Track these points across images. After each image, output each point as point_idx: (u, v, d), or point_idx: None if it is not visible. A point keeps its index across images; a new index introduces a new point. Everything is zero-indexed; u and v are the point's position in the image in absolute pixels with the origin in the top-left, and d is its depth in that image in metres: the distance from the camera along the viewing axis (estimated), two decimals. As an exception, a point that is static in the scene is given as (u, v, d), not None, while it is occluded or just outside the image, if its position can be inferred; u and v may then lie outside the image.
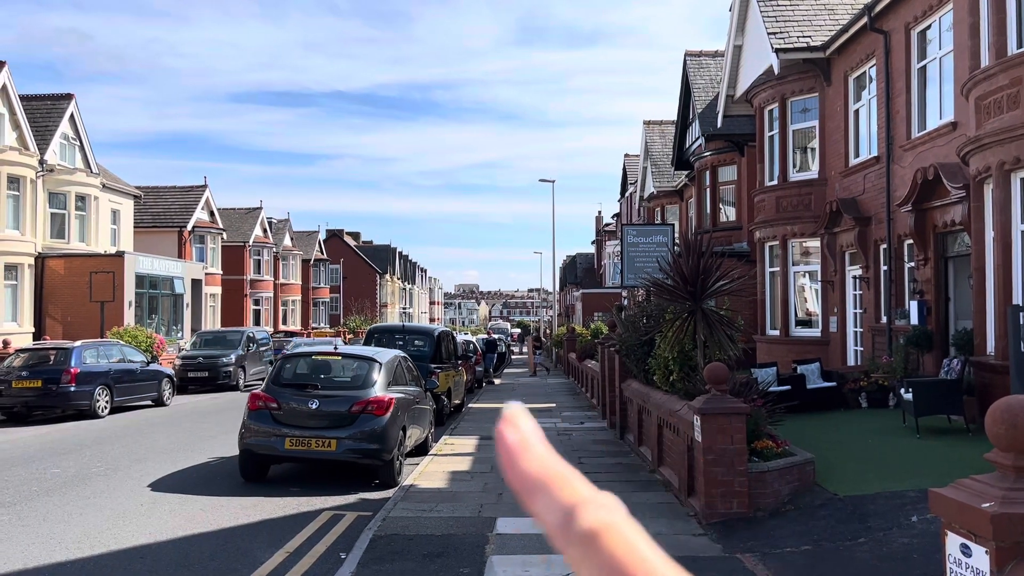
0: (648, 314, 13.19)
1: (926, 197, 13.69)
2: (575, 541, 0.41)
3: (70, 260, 29.57)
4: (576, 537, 0.41)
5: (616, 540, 0.40)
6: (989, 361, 11.46)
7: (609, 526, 0.41)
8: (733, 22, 21.30)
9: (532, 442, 0.44)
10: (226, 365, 25.83)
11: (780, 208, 19.57)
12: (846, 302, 17.89)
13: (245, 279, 48.27)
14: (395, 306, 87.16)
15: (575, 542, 0.41)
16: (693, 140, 27.15)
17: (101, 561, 7.38)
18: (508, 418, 0.45)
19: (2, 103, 27.75)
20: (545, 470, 0.43)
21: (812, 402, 14.38)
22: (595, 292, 50.83)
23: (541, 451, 0.44)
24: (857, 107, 17.43)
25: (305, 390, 10.85)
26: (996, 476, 3.45)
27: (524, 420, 0.45)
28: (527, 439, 0.44)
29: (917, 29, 14.84)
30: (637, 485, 10.53)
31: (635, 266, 21.45)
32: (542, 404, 22.01)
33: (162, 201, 41.45)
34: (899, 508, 7.56)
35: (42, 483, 10.68)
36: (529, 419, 0.46)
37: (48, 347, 19.44)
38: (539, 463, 0.43)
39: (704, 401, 8.44)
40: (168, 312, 34.11)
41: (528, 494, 0.43)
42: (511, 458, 0.44)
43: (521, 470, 0.43)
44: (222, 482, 10.83)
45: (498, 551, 7.39)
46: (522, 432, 0.45)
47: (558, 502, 0.42)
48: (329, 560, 7.40)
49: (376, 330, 20.33)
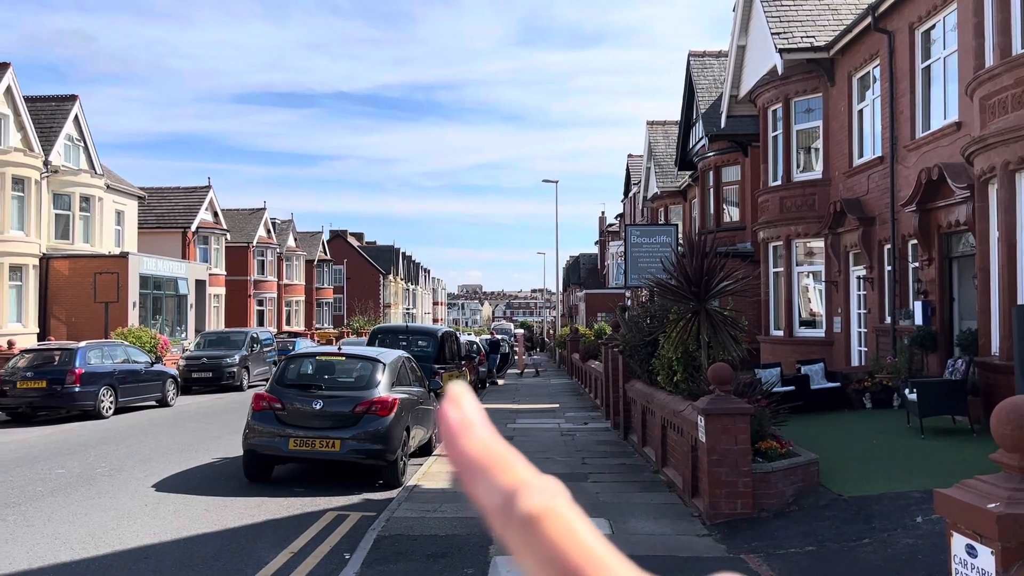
0: (652, 314, 13.18)
1: (930, 197, 13.67)
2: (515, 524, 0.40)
3: (74, 261, 29.63)
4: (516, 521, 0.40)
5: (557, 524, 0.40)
6: (994, 361, 11.44)
7: (550, 510, 0.40)
8: (737, 22, 21.28)
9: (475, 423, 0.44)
10: (230, 366, 25.86)
11: (784, 208, 19.55)
12: (850, 302, 17.86)
13: (249, 280, 48.32)
14: (398, 307, 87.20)
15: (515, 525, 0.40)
16: (697, 140, 27.13)
17: (106, 561, 7.40)
18: (451, 398, 0.45)
19: (7, 104, 27.82)
20: (487, 452, 0.42)
21: (816, 402, 14.35)
22: (598, 292, 50.83)
23: (484, 433, 0.43)
24: (861, 107, 17.40)
25: (309, 390, 10.86)
26: (1002, 476, 3.44)
27: (467, 401, 0.45)
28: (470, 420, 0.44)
29: (921, 29, 14.81)
30: (641, 486, 10.53)
31: (639, 266, 21.44)
32: (546, 404, 22.00)
33: (166, 202, 41.52)
34: (904, 509, 7.55)
35: (47, 483, 10.70)
36: (473, 400, 0.45)
37: (53, 348, 19.48)
38: (481, 444, 0.43)
39: (708, 401, 8.44)
40: (172, 313, 34.16)
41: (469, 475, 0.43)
42: (452, 438, 0.43)
43: (462, 450, 0.43)
44: (226, 482, 10.84)
45: (501, 551, 7.39)
46: (465, 413, 0.44)
47: (499, 485, 0.41)
48: (333, 560, 7.40)
49: (380, 330, 20.34)
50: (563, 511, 0.41)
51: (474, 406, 0.45)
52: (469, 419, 0.44)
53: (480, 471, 0.42)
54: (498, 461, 0.42)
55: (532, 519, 0.40)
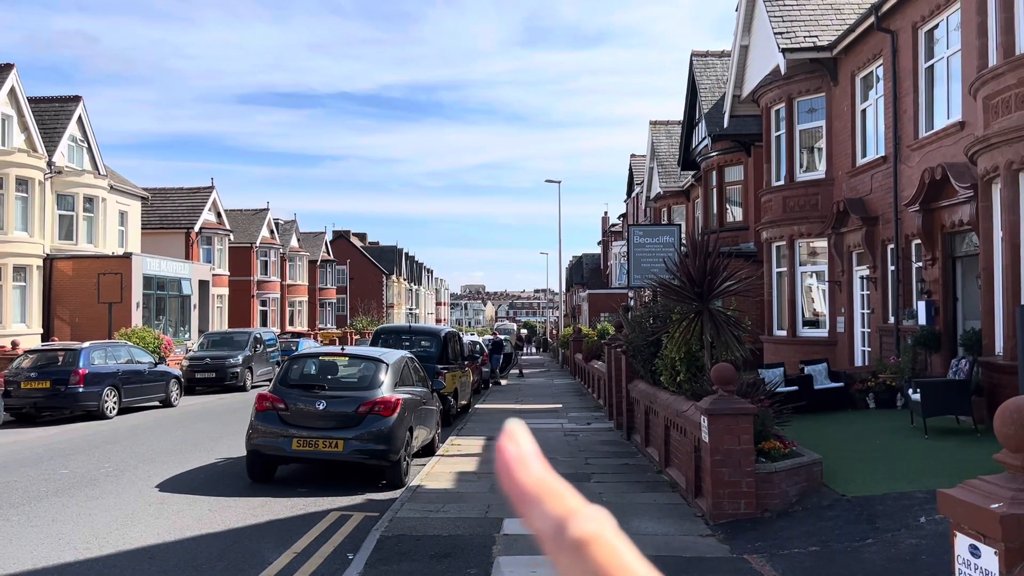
0: (655, 315, 13.18)
1: (934, 197, 13.65)
2: (566, 549, 0.43)
3: (78, 261, 29.69)
4: (567, 545, 0.43)
5: (604, 549, 0.43)
6: (998, 361, 11.42)
7: (598, 536, 0.44)
8: (739, 22, 21.27)
9: (530, 456, 0.47)
10: (233, 366, 25.90)
11: (787, 208, 19.53)
12: (853, 302, 17.84)
13: (252, 280, 48.38)
14: (401, 307, 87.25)
15: (566, 550, 0.43)
16: (699, 140, 27.12)
17: (109, 561, 7.41)
18: (508, 433, 0.48)
19: (11, 105, 27.88)
20: (540, 483, 0.46)
21: (819, 403, 14.34)
22: (601, 293, 50.81)
23: (538, 465, 0.47)
24: (864, 107, 17.38)
25: (312, 391, 10.87)
26: (1005, 477, 3.44)
27: (523, 436, 0.48)
28: (525, 454, 0.47)
29: (924, 28, 14.80)
30: (644, 486, 10.52)
31: (641, 267, 21.43)
32: (549, 405, 22.00)
33: (169, 202, 41.58)
34: (907, 509, 7.54)
35: (51, 484, 10.72)
36: (528, 435, 0.49)
37: (56, 348, 19.51)
38: (535, 476, 0.46)
39: (711, 402, 8.43)
40: (175, 313, 34.21)
41: (523, 504, 0.46)
42: (509, 470, 0.47)
43: (518, 482, 0.46)
44: (230, 483, 10.86)
45: (505, 552, 7.39)
46: (521, 447, 0.48)
47: (551, 513, 0.45)
48: (336, 560, 7.41)
49: (383, 331, 20.35)
50: (610, 537, 0.44)
51: (529, 440, 0.49)
52: (524, 453, 0.47)
53: (534, 501, 0.45)
54: (551, 491, 0.46)
55: (581, 544, 0.43)
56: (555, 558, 0.44)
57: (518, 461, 0.47)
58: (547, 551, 0.45)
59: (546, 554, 0.45)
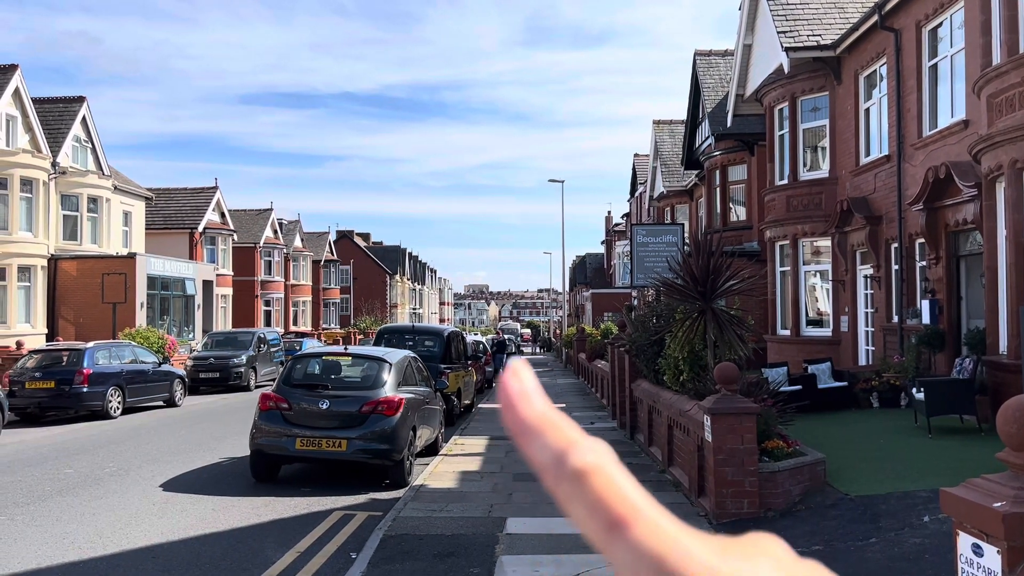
0: (658, 314, 13.17)
1: (937, 196, 13.62)
2: (566, 479, 0.45)
3: (82, 262, 29.74)
4: (566, 475, 0.45)
5: (603, 479, 0.44)
6: (1002, 360, 11.40)
7: (597, 466, 0.45)
8: (743, 21, 21.25)
9: (531, 391, 0.48)
10: (237, 366, 25.94)
11: (791, 207, 19.50)
12: (857, 301, 17.81)
13: (256, 280, 48.44)
14: (405, 307, 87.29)
15: (566, 480, 0.45)
16: (703, 139, 27.09)
17: (113, 561, 7.43)
18: (512, 370, 0.50)
19: (15, 106, 27.94)
20: (541, 417, 0.47)
21: (823, 402, 14.32)
22: (605, 292, 50.75)
23: (539, 400, 0.48)
24: (868, 106, 17.35)
25: (316, 390, 10.88)
26: (1008, 475, 3.44)
27: (525, 372, 0.50)
28: (527, 389, 0.48)
29: (928, 27, 14.77)
30: (647, 485, 10.48)
31: (645, 266, 21.41)
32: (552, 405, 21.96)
33: (173, 203, 41.64)
34: (911, 508, 7.53)
35: (55, 483, 10.75)
36: (530, 372, 0.50)
37: (61, 348, 19.56)
38: (537, 410, 0.48)
39: (714, 401, 8.42)
40: (179, 313, 34.26)
41: (524, 437, 0.47)
42: (512, 405, 0.48)
43: (519, 415, 0.47)
44: (233, 482, 10.88)
45: (508, 551, 7.39)
46: (523, 382, 0.49)
47: (551, 444, 0.46)
48: (340, 560, 7.42)
49: (386, 330, 20.37)
50: (609, 468, 0.45)
51: (531, 378, 0.49)
52: (526, 388, 0.48)
53: (535, 433, 0.47)
54: (551, 424, 0.47)
55: (581, 474, 0.44)
56: (555, 489, 0.45)
57: (520, 396, 0.48)
58: (547, 483, 0.46)
59: (546, 485, 0.46)
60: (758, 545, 0.46)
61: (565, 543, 7.27)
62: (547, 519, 8.19)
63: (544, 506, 8.75)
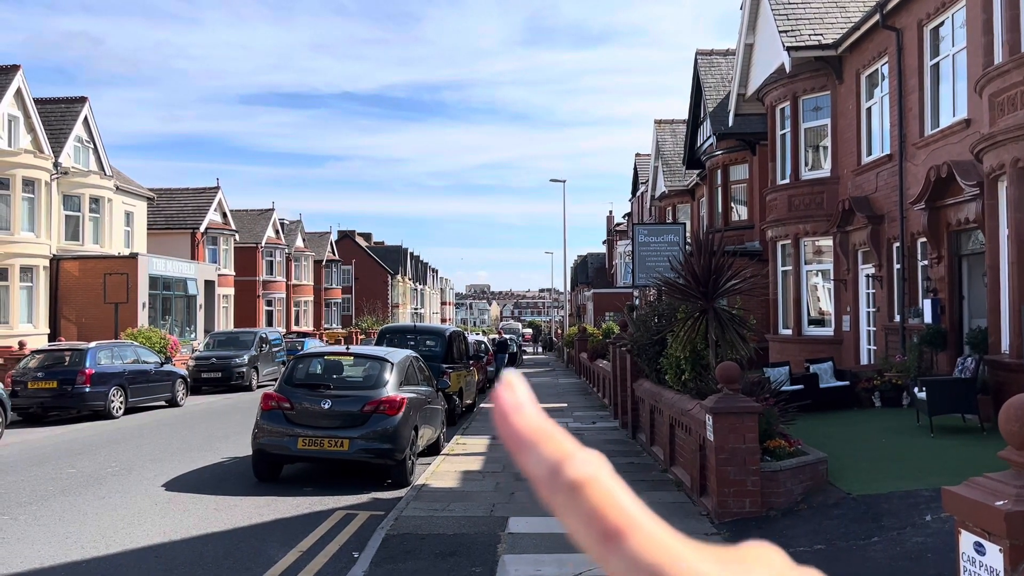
0: (660, 314, 13.17)
1: (939, 195, 13.61)
2: (561, 491, 0.45)
3: (84, 262, 29.78)
4: (562, 487, 0.45)
5: (599, 491, 0.44)
6: (1004, 360, 11.39)
7: (593, 478, 0.45)
8: (744, 20, 21.24)
9: (526, 403, 0.49)
10: (239, 366, 25.96)
11: (792, 207, 19.50)
12: (859, 301, 17.80)
13: (258, 280, 48.48)
14: (407, 306, 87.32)
15: (561, 492, 0.45)
16: (704, 139, 27.09)
17: (116, 560, 7.44)
18: (506, 382, 0.50)
19: (17, 106, 27.98)
20: (536, 428, 0.47)
21: (825, 401, 14.32)
22: (606, 292, 50.77)
23: (534, 411, 0.48)
24: (869, 105, 17.35)
25: (317, 390, 10.89)
26: (1010, 474, 3.44)
27: (519, 384, 0.50)
28: (521, 401, 0.49)
29: (930, 26, 14.76)
30: (649, 484, 10.52)
31: (646, 265, 21.43)
32: (554, 404, 21.99)
33: (175, 203, 41.68)
34: (913, 507, 7.53)
35: (58, 483, 10.77)
36: (524, 384, 0.50)
37: (63, 348, 19.58)
38: (531, 422, 0.48)
39: (716, 400, 8.43)
40: (181, 313, 34.29)
41: (520, 449, 0.47)
42: (506, 417, 0.48)
43: (514, 427, 0.47)
44: (236, 482, 10.89)
45: (510, 550, 7.40)
46: (517, 394, 0.49)
47: (547, 456, 0.46)
48: (342, 559, 7.43)
49: (388, 330, 20.37)
50: (605, 479, 0.45)
51: (525, 388, 0.50)
52: (520, 400, 0.49)
53: (530, 445, 0.47)
54: (547, 436, 0.47)
55: (576, 485, 0.44)
56: (551, 501, 0.45)
57: (515, 408, 0.48)
58: (543, 494, 0.46)
59: (542, 497, 0.46)
60: (755, 554, 0.45)
61: (567, 543, 7.26)
62: (549, 518, 8.17)
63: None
